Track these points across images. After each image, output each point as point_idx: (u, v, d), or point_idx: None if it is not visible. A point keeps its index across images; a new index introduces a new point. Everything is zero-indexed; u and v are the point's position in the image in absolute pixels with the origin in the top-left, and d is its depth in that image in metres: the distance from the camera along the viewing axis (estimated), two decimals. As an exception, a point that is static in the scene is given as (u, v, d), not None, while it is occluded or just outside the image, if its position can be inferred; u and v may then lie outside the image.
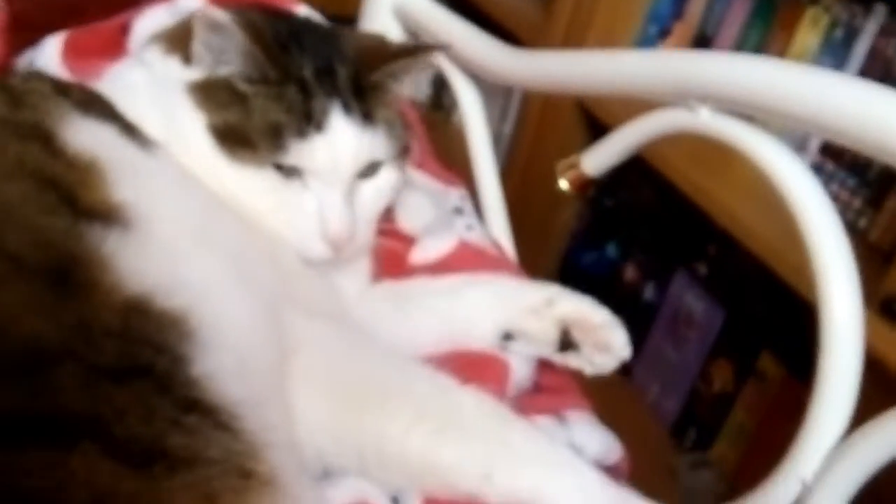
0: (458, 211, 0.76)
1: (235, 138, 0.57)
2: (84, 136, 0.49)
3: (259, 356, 0.45)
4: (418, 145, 0.88)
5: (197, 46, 0.58)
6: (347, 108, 0.58)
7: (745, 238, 1.19)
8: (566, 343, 0.63)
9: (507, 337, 0.63)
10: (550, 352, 0.63)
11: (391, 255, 0.68)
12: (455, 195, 0.78)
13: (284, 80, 0.57)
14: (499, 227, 0.81)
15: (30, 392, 0.34)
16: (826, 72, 0.51)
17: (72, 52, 0.82)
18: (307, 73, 0.58)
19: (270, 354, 0.47)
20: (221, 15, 0.55)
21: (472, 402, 0.49)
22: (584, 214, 1.72)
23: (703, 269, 1.47)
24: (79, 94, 0.55)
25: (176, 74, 0.58)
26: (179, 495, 0.34)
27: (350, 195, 0.60)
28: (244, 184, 0.57)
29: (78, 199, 0.44)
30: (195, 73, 0.58)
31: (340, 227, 0.58)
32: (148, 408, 0.36)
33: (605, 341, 0.63)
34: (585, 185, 0.70)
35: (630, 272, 1.62)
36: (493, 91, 1.91)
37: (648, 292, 1.58)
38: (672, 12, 1.47)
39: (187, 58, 0.59)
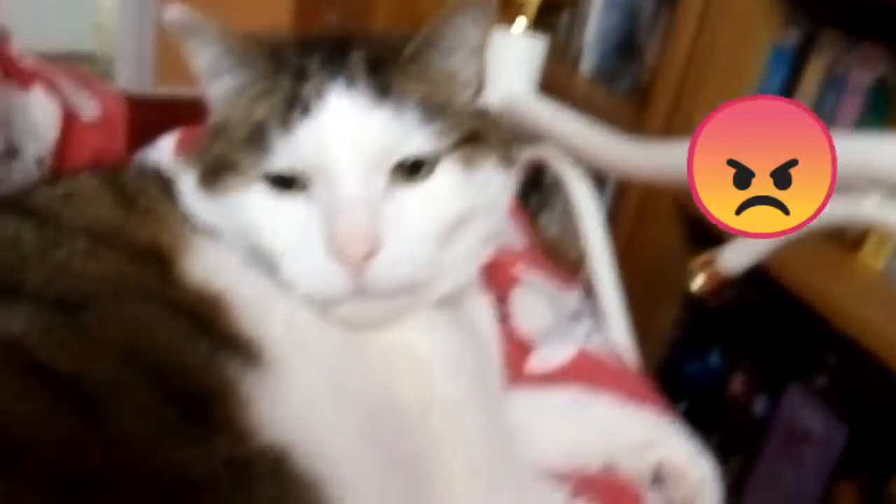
0: (576, 316, 0.70)
1: (218, 169, 0.45)
2: (204, 264, 0.43)
3: None
4: (526, 237, 0.83)
5: (197, 66, 0.47)
6: (352, 84, 0.44)
7: (873, 344, 1.09)
8: (659, 478, 0.57)
9: (608, 466, 0.58)
10: (643, 482, 0.58)
11: (508, 361, 0.62)
12: (573, 298, 0.72)
13: (278, 71, 0.45)
14: (619, 333, 0.74)
15: None
16: None
17: (185, 149, 0.81)
18: (309, 61, 0.46)
19: None
20: (185, 12, 0.44)
21: None
22: (684, 319, 1.63)
23: (821, 380, 1.36)
24: None
25: None
26: None
27: (376, 200, 0.43)
28: (236, 217, 0.45)
29: (214, 328, 0.39)
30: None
31: (351, 230, 0.42)
32: None
33: (693, 499, 0.56)
34: (722, 286, 0.63)
35: (737, 384, 1.52)
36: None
37: (759, 406, 1.47)
38: (776, 109, 1.41)
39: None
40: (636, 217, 1.61)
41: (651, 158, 0.69)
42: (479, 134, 0.47)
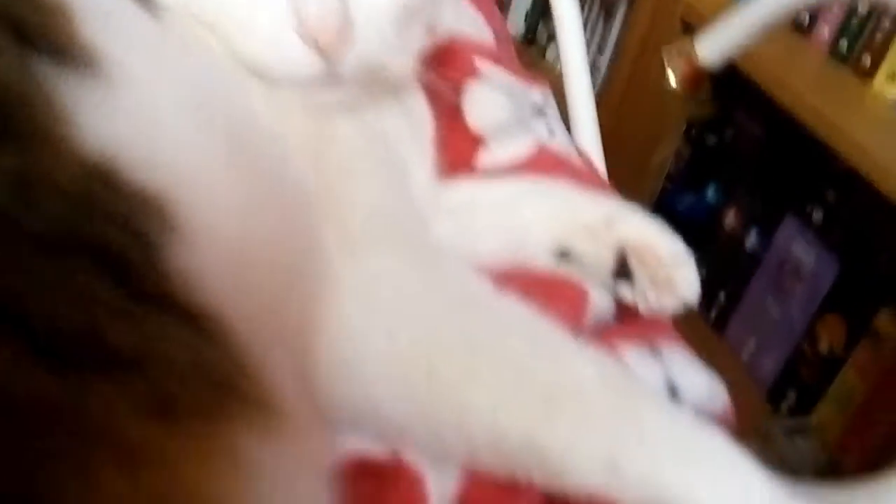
0: (539, 112, 0.65)
1: None
2: None
3: (265, 270, 0.34)
4: (496, 33, 0.76)
5: None
6: None
7: (878, 180, 1.04)
8: (622, 271, 0.51)
9: (563, 255, 0.52)
10: (603, 277, 0.52)
11: (454, 157, 0.57)
12: (537, 93, 0.66)
13: None
14: (588, 136, 0.68)
15: None
16: None
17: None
18: None
19: (286, 273, 0.36)
20: None
21: (592, 370, 0.37)
22: (683, 153, 1.57)
23: (817, 215, 1.31)
24: None
25: None
26: (114, 401, 0.23)
27: None
28: None
29: (32, 35, 0.33)
30: None
31: (324, 14, 0.39)
32: (85, 290, 0.25)
33: (667, 277, 0.50)
34: (698, 80, 0.57)
35: (731, 218, 1.49)
36: (592, 22, 1.76)
37: (751, 240, 1.44)
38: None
39: None
40: (641, 52, 1.52)
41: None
42: None
